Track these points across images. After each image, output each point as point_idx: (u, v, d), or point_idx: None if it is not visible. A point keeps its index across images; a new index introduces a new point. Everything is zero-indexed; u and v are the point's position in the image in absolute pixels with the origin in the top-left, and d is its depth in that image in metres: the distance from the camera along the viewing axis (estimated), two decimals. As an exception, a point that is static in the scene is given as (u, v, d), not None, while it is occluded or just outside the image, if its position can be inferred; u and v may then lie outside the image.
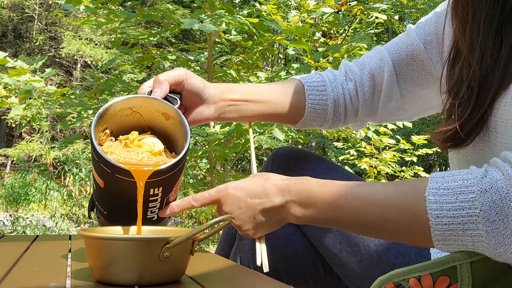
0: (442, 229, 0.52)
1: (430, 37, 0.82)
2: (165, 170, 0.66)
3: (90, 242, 0.58)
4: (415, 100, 0.88)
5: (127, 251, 0.55)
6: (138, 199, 0.65)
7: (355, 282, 0.81)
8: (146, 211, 0.71)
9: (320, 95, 0.89)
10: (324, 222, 0.64)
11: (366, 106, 0.90)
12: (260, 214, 0.68)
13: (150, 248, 0.55)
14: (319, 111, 0.89)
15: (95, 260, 0.58)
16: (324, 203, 0.62)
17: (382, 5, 2.93)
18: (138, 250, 0.55)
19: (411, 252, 0.75)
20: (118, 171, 0.65)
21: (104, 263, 0.57)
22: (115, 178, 0.66)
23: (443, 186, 0.53)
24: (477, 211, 0.50)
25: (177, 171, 0.70)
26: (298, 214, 0.65)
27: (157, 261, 0.55)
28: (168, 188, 0.71)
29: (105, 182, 0.69)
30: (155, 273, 0.56)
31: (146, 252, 0.55)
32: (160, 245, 0.55)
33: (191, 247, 0.59)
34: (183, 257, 0.59)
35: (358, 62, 0.91)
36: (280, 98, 0.89)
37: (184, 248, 0.58)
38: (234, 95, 0.87)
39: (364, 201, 0.59)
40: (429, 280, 0.54)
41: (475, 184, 0.51)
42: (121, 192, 0.69)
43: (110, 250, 0.56)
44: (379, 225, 0.58)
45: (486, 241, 0.50)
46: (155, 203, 0.71)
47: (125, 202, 0.68)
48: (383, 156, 4.41)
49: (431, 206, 0.52)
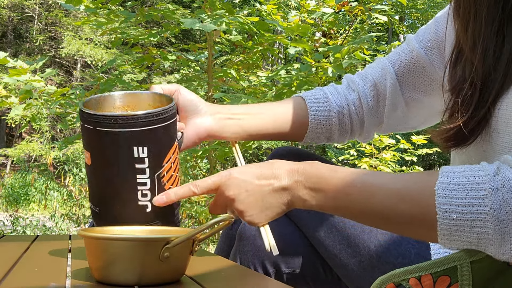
0: (449, 224, 0.51)
1: (431, 44, 0.83)
2: (142, 117, 0.64)
3: (90, 242, 0.58)
4: (419, 108, 0.88)
5: (127, 251, 0.55)
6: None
7: (355, 283, 0.81)
8: (135, 190, 0.67)
9: (322, 106, 0.89)
10: (331, 208, 0.62)
11: (372, 116, 0.90)
12: (268, 196, 0.65)
13: (150, 248, 0.55)
14: (323, 122, 0.89)
15: (95, 260, 0.58)
16: (333, 188, 0.61)
17: (383, 7, 2.93)
18: (138, 250, 0.55)
19: (411, 253, 0.75)
20: (99, 121, 0.64)
21: (104, 263, 0.57)
22: (99, 137, 0.65)
23: (453, 182, 0.52)
24: (487, 209, 0.49)
25: (162, 132, 0.67)
26: (306, 197, 0.63)
27: (157, 261, 0.55)
28: (156, 155, 0.67)
29: (91, 152, 0.67)
30: (155, 273, 0.56)
31: (146, 252, 0.55)
32: (160, 245, 0.55)
33: (191, 247, 0.59)
34: (183, 257, 0.59)
35: (360, 74, 0.91)
36: (282, 111, 0.88)
37: (184, 248, 0.58)
38: (233, 109, 0.86)
39: (373, 189, 0.58)
40: (429, 280, 0.54)
41: (487, 182, 0.50)
42: (107, 159, 0.66)
43: (110, 250, 0.56)
44: (386, 215, 0.57)
45: (493, 239, 0.50)
46: (144, 176, 0.66)
47: (113, 174, 0.66)
48: (383, 156, 4.41)
49: (440, 201, 0.52)
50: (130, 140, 0.65)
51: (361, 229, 0.79)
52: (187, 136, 0.82)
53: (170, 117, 0.69)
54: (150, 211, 0.68)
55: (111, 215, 0.69)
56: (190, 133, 0.82)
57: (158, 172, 0.68)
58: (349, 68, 2.95)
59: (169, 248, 0.55)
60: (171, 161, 0.69)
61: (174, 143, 0.70)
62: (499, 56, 0.61)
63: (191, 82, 3.28)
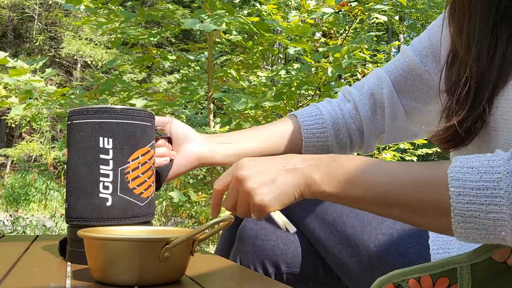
0: (463, 209, 0.50)
1: (425, 52, 0.83)
2: (111, 110, 0.69)
3: (90, 242, 0.58)
4: (419, 116, 0.88)
5: (127, 251, 0.55)
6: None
7: (355, 283, 0.81)
8: (98, 181, 0.68)
9: (315, 119, 0.90)
10: (343, 196, 0.60)
11: (371, 125, 0.90)
12: (281, 176, 0.62)
13: (150, 248, 0.55)
14: (317, 135, 0.89)
15: (95, 261, 0.58)
16: (348, 175, 0.59)
17: (382, 7, 2.93)
18: (138, 250, 0.55)
19: (411, 253, 0.75)
20: (73, 114, 0.72)
21: (103, 264, 0.57)
22: (71, 129, 0.71)
23: (467, 165, 0.51)
24: (501, 192, 0.48)
25: (130, 129, 0.70)
26: (320, 181, 0.60)
27: (157, 262, 0.55)
28: (121, 149, 0.69)
29: (68, 146, 0.72)
30: (155, 274, 0.56)
31: (146, 252, 0.55)
32: (160, 245, 0.55)
33: (191, 247, 0.59)
34: (183, 257, 0.59)
35: (356, 85, 0.92)
36: (276, 131, 0.89)
37: (184, 248, 0.58)
38: (227, 135, 0.88)
39: (386, 174, 0.57)
40: (428, 281, 0.54)
41: (502, 165, 0.49)
42: (76, 149, 0.70)
43: (110, 250, 0.56)
44: (403, 203, 0.56)
45: (509, 226, 0.48)
46: (107, 168, 0.69)
47: (79, 163, 0.69)
48: (383, 156, 4.41)
49: (453, 184, 0.50)
50: (97, 130, 0.69)
51: (361, 229, 0.79)
52: (177, 162, 0.85)
53: (141, 119, 0.72)
54: (110, 206, 0.69)
55: (76, 211, 0.70)
56: (179, 159, 0.85)
57: (122, 167, 0.70)
58: (348, 68, 2.95)
59: (169, 248, 0.55)
60: (139, 162, 0.71)
61: (146, 147, 0.72)
62: (492, 57, 0.62)
63: (191, 82, 3.28)
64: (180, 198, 3.01)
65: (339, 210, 0.82)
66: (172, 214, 5.20)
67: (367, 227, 0.79)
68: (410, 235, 0.75)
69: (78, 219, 0.69)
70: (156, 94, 3.28)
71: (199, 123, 10.90)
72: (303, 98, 3.60)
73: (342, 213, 0.82)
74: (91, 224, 0.68)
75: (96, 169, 0.69)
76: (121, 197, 0.69)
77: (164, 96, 3.24)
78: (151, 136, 0.74)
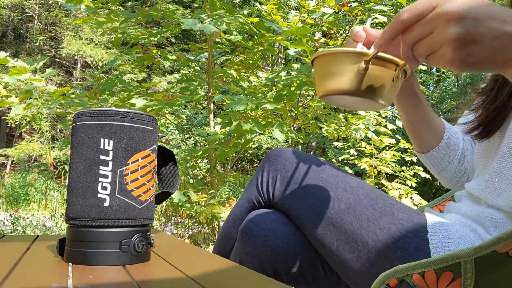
0: None
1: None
2: (112, 113, 0.71)
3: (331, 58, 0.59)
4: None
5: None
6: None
7: (353, 279, 0.81)
8: (97, 181, 0.69)
9: (455, 136, 0.94)
10: None
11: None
12: (497, 7, 0.49)
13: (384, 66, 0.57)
14: (452, 146, 0.93)
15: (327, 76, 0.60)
16: None
17: (382, 7, 2.93)
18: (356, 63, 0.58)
19: (410, 247, 0.75)
20: (76, 116, 0.74)
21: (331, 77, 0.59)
22: (75, 130, 0.73)
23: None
24: None
25: (131, 132, 0.71)
26: None
27: (389, 82, 0.58)
28: (121, 151, 0.70)
29: (71, 147, 0.74)
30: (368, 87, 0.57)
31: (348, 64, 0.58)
32: (392, 67, 0.57)
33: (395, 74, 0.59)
34: (390, 84, 0.59)
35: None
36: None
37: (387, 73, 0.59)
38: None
39: None
40: (432, 276, 0.55)
41: None
42: (78, 150, 0.72)
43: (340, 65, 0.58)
44: None
45: None
46: (106, 169, 0.70)
47: (80, 163, 0.71)
48: (383, 156, 4.41)
49: None
50: (98, 131, 0.70)
51: (359, 224, 0.79)
52: None
53: (143, 122, 0.73)
54: (108, 206, 0.70)
55: (75, 210, 0.70)
56: None
57: (121, 169, 0.71)
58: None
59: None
60: (139, 165, 0.72)
61: (147, 151, 0.73)
62: None
63: (191, 82, 3.28)
64: (180, 198, 3.01)
65: (336, 207, 0.82)
66: (172, 214, 5.20)
67: (364, 222, 0.79)
68: (408, 229, 0.75)
69: (76, 219, 0.70)
70: (156, 94, 3.28)
71: (199, 123, 10.90)
72: (303, 98, 3.60)
73: (339, 210, 0.81)
74: (88, 224, 0.69)
75: (95, 170, 0.70)
76: (119, 198, 0.70)
77: (164, 96, 3.24)
78: (153, 140, 0.75)
